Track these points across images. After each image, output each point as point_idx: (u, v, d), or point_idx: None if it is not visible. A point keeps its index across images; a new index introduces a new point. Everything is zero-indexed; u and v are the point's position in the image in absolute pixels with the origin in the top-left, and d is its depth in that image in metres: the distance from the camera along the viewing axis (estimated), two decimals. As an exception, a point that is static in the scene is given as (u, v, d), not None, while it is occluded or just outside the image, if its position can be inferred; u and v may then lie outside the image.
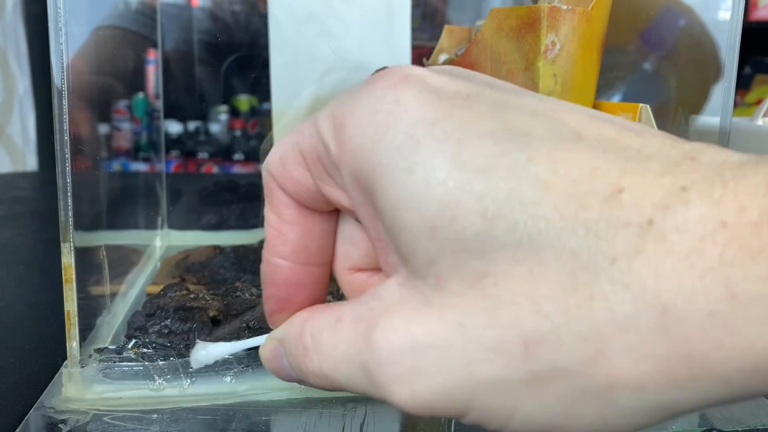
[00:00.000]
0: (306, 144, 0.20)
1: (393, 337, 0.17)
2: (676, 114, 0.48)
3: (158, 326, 0.42)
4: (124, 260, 0.55)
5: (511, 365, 0.16)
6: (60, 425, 0.35)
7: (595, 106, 0.43)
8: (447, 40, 0.55)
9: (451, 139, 0.16)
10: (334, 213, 0.23)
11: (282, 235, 0.22)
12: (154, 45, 0.70)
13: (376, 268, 0.23)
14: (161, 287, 0.49)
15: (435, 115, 0.17)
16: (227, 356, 0.27)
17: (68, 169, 0.37)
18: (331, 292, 0.42)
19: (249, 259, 0.63)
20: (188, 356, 0.40)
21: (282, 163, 0.21)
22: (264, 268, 0.23)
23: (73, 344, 0.38)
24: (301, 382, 0.22)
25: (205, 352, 0.26)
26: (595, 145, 0.16)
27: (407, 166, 0.17)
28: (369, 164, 0.18)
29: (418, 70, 0.18)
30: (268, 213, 0.22)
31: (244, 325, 0.43)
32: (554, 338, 0.16)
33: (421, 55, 0.60)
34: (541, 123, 0.17)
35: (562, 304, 0.15)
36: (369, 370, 0.18)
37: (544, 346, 0.16)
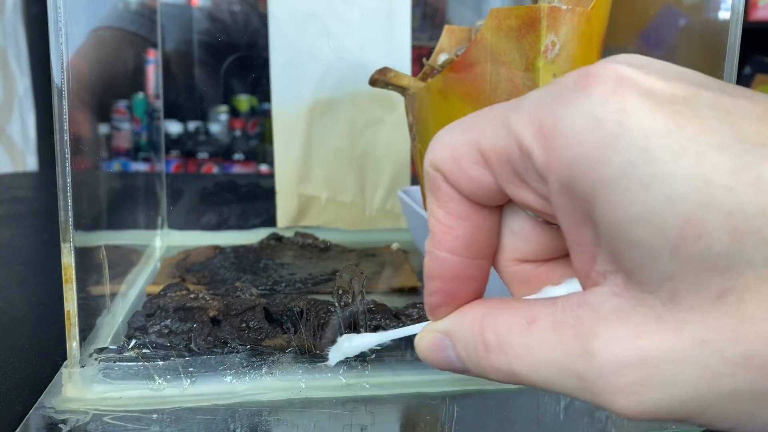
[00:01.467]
0: (491, 145, 0.20)
1: (618, 350, 0.18)
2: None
3: (158, 326, 0.42)
4: (124, 260, 0.55)
5: (757, 378, 0.16)
6: (60, 425, 0.35)
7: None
8: (447, 40, 0.55)
9: (688, 153, 0.16)
10: (500, 206, 0.23)
11: (451, 231, 0.22)
12: (154, 45, 0.70)
13: (544, 260, 0.23)
14: (161, 287, 0.49)
15: (666, 126, 0.16)
16: (374, 347, 0.27)
17: (68, 169, 0.37)
18: (333, 292, 0.42)
19: (249, 259, 0.63)
20: (193, 351, 0.40)
21: (455, 162, 0.21)
22: (430, 263, 0.23)
23: (73, 344, 0.38)
24: (471, 374, 0.22)
25: (351, 343, 0.26)
26: None
27: (643, 181, 0.16)
28: (591, 176, 0.17)
29: (625, 69, 0.18)
30: (435, 209, 0.22)
31: (244, 324, 0.43)
32: None
33: (421, 55, 0.60)
34: None
35: None
36: (584, 378, 0.18)
37: None
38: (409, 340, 0.43)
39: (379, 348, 0.27)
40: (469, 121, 0.21)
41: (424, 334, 0.23)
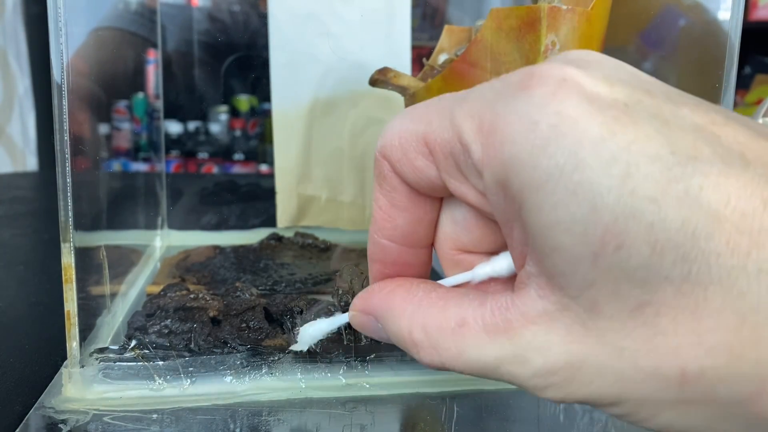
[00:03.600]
0: (436, 137, 0.20)
1: (549, 355, 0.18)
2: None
3: (158, 326, 0.42)
4: (124, 260, 0.55)
5: (664, 389, 0.17)
6: (60, 425, 0.35)
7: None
8: (447, 40, 0.55)
9: (618, 162, 0.16)
10: (442, 197, 0.23)
11: (392, 219, 0.23)
12: (154, 45, 0.70)
13: (485, 252, 0.23)
14: (161, 287, 0.49)
15: (600, 132, 0.16)
16: (329, 333, 0.29)
17: (68, 169, 0.37)
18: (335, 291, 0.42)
19: (249, 259, 0.63)
20: (194, 349, 0.40)
21: (403, 151, 0.21)
22: (372, 247, 0.24)
23: (73, 344, 0.38)
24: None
25: (314, 328, 0.28)
26: (762, 173, 0.16)
27: (570, 188, 0.16)
28: (522, 177, 0.17)
29: (571, 72, 0.17)
30: (379, 196, 0.22)
31: (244, 324, 0.43)
32: (713, 374, 0.16)
33: (421, 55, 0.60)
34: (706, 143, 0.16)
35: (726, 343, 0.16)
36: (516, 376, 0.19)
37: (703, 380, 0.16)
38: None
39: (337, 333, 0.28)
40: (418, 110, 0.21)
41: (355, 312, 0.24)
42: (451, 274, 0.24)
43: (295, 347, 0.29)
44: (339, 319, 0.27)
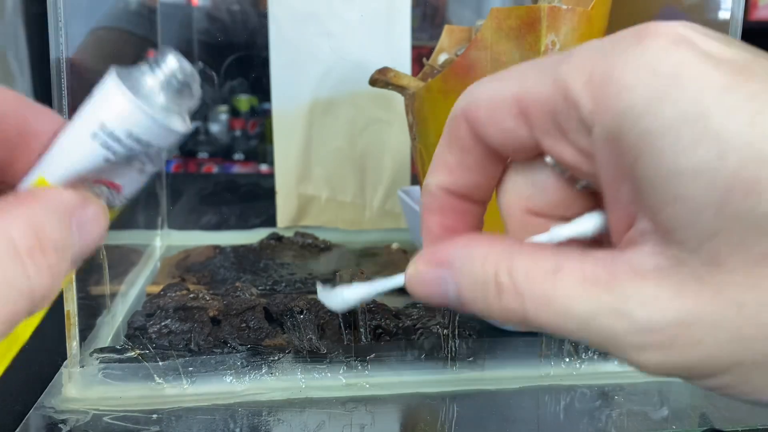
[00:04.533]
0: (533, 95, 0.19)
1: (654, 310, 0.17)
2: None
3: (158, 326, 0.42)
4: (124, 260, 0.55)
5: None
6: (60, 425, 0.35)
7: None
8: (447, 40, 0.55)
9: (744, 110, 0.16)
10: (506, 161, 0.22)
11: (456, 177, 0.22)
12: (154, 45, 0.70)
13: (558, 216, 0.22)
14: (161, 287, 0.49)
15: (723, 81, 0.16)
16: (368, 298, 0.25)
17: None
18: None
19: (249, 259, 0.63)
20: (196, 349, 0.40)
21: (490, 111, 0.20)
22: (429, 199, 0.23)
23: (73, 344, 0.38)
24: (465, 309, 0.21)
25: (350, 291, 0.24)
26: None
27: (695, 135, 0.16)
28: (641, 126, 0.17)
29: (684, 29, 0.17)
30: (447, 154, 0.22)
31: (244, 324, 0.43)
32: None
33: (421, 55, 0.60)
34: None
35: None
36: (612, 333, 0.18)
37: None
38: (409, 339, 0.43)
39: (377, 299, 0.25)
40: (510, 71, 0.20)
41: (419, 265, 0.22)
42: (516, 236, 0.22)
43: (325, 300, 0.25)
44: (387, 283, 0.24)
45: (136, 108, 0.19)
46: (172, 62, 0.20)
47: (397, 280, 0.23)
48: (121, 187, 0.20)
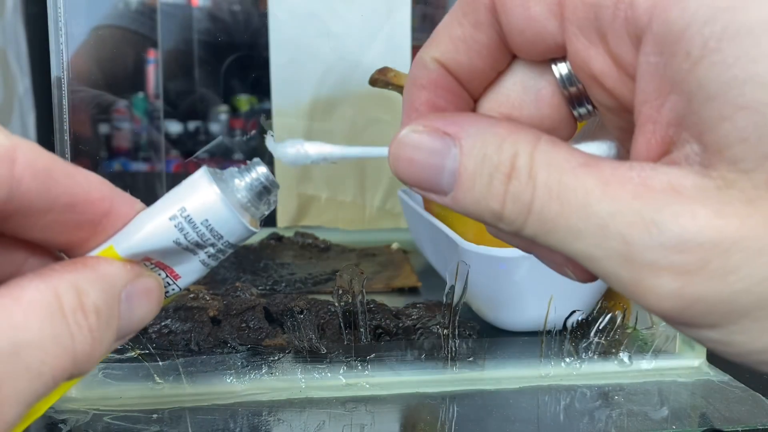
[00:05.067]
0: None
1: (690, 224, 0.15)
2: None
3: (158, 326, 0.42)
4: (124, 260, 0.55)
5: None
6: (60, 425, 0.35)
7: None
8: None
9: None
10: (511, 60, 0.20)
11: (457, 53, 0.19)
12: (154, 45, 0.70)
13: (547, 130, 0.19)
14: (161, 287, 0.48)
15: None
16: (327, 161, 0.22)
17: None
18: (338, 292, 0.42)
19: (249, 259, 0.63)
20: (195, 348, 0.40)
21: None
22: (419, 71, 0.20)
23: (73, 344, 0.38)
24: (454, 204, 0.18)
25: (297, 150, 0.22)
26: None
27: None
28: (712, 29, 0.15)
29: None
30: (455, 26, 0.19)
31: (244, 324, 0.43)
32: None
33: (421, 55, 0.60)
34: None
35: None
36: (631, 244, 0.15)
37: None
38: (409, 339, 0.43)
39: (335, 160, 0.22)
40: None
41: (418, 128, 0.18)
42: None
43: (277, 151, 0.22)
44: (365, 150, 0.22)
45: (216, 197, 0.19)
46: (261, 169, 0.21)
47: (378, 150, 0.21)
48: (180, 277, 0.21)
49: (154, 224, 0.19)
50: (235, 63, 0.91)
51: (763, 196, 0.15)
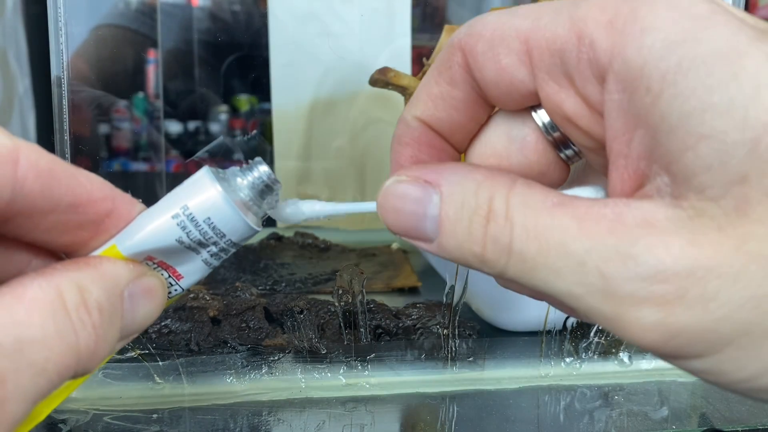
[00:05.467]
0: (544, 34, 0.18)
1: (664, 255, 0.15)
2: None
3: (158, 326, 0.42)
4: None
5: None
6: (60, 425, 0.35)
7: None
8: (447, 40, 0.55)
9: None
10: (490, 111, 0.21)
11: (437, 111, 0.20)
12: (154, 44, 0.70)
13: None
14: (161, 287, 0.48)
15: (755, 33, 0.15)
16: (320, 217, 0.23)
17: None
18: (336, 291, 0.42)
19: (249, 259, 0.63)
20: (193, 348, 0.40)
21: (491, 44, 0.18)
22: (403, 129, 0.21)
23: (73, 344, 0.38)
24: (439, 249, 0.19)
25: (293, 209, 0.23)
26: None
27: (730, 71, 0.15)
28: (666, 62, 0.15)
29: None
30: (433, 84, 0.20)
31: (244, 324, 0.43)
32: None
33: (421, 55, 0.60)
34: None
35: None
36: (609, 278, 0.16)
37: None
38: (409, 339, 0.43)
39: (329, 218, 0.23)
40: (524, 8, 0.19)
41: (401, 179, 0.19)
42: None
43: (277, 212, 0.22)
44: (356, 206, 0.22)
45: (219, 195, 0.19)
46: (263, 168, 0.21)
47: (367, 205, 0.22)
48: (182, 277, 0.21)
49: (156, 223, 0.19)
50: (235, 63, 0.91)
51: (734, 222, 0.15)
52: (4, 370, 0.15)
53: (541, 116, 0.20)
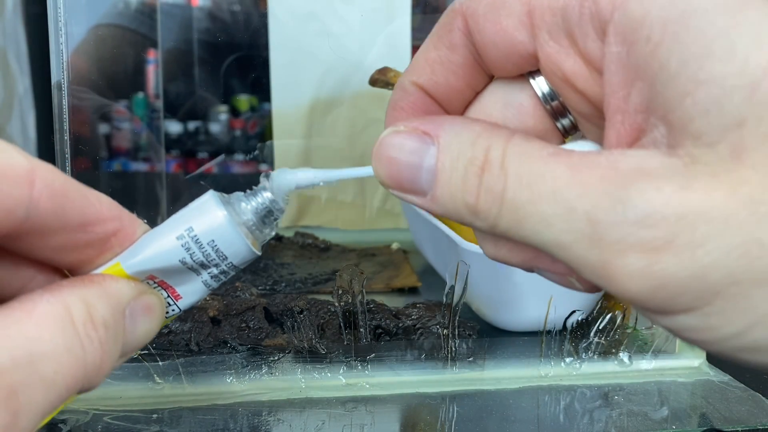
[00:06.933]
0: None
1: (656, 198, 0.15)
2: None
3: (158, 326, 0.42)
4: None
5: None
6: (60, 425, 0.35)
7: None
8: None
9: None
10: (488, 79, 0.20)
11: (434, 76, 0.20)
12: (154, 44, 0.70)
13: None
14: (161, 287, 0.48)
15: None
16: (314, 185, 0.22)
17: (68, 169, 0.37)
18: (337, 291, 0.42)
19: (249, 259, 0.63)
20: (193, 348, 0.40)
21: (492, 7, 0.18)
22: (399, 94, 0.21)
23: (73, 344, 0.38)
24: (432, 204, 0.19)
25: (288, 176, 0.22)
26: None
27: (732, 21, 0.15)
28: (669, 14, 0.15)
29: None
30: (432, 49, 0.20)
31: (244, 324, 0.43)
32: None
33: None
34: None
35: None
36: (597, 223, 0.15)
37: None
38: (409, 339, 0.43)
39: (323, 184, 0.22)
40: None
41: (399, 129, 0.19)
42: None
43: (272, 181, 0.22)
44: (351, 171, 0.22)
45: (224, 219, 0.20)
46: (267, 194, 0.21)
47: (363, 170, 0.21)
48: (181, 297, 0.21)
49: (161, 243, 0.20)
50: (235, 63, 0.91)
51: (729, 168, 0.15)
52: (16, 384, 0.15)
53: (539, 83, 0.20)
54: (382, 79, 0.49)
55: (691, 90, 0.15)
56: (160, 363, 0.39)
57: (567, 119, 0.20)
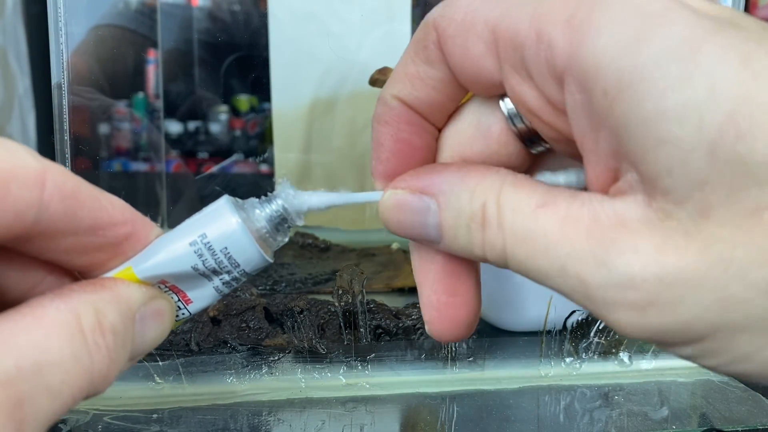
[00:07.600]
0: (509, 26, 0.17)
1: (635, 262, 0.16)
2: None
3: (158, 326, 0.42)
4: (124, 260, 0.55)
5: None
6: (60, 425, 0.35)
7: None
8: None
9: (736, 51, 0.15)
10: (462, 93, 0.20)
11: (414, 90, 0.20)
12: (154, 44, 0.70)
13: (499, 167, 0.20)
14: (161, 287, 0.49)
15: (711, 26, 0.15)
16: (323, 208, 0.22)
17: (68, 169, 0.37)
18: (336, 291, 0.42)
19: (249, 259, 0.63)
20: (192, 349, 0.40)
21: (462, 29, 0.18)
22: (382, 108, 0.21)
23: (73, 344, 0.38)
24: (443, 248, 0.20)
25: (303, 198, 0.22)
26: None
27: (684, 72, 0.15)
28: (620, 64, 0.15)
29: None
30: (409, 63, 0.20)
31: (244, 324, 0.43)
32: None
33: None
34: None
35: None
36: (587, 284, 0.16)
37: None
38: (409, 339, 0.43)
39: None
40: (497, 1, 0.18)
41: (397, 192, 0.20)
42: None
43: (284, 202, 0.22)
44: (361, 195, 0.22)
45: (238, 226, 0.20)
46: (281, 202, 0.21)
47: (372, 195, 0.21)
48: (192, 302, 0.21)
49: (173, 248, 0.19)
50: (235, 63, 0.91)
51: (699, 226, 0.15)
52: (23, 394, 0.15)
53: (507, 105, 0.19)
54: (382, 79, 0.49)
55: (653, 148, 0.15)
56: (160, 363, 0.39)
57: (537, 142, 0.20)
